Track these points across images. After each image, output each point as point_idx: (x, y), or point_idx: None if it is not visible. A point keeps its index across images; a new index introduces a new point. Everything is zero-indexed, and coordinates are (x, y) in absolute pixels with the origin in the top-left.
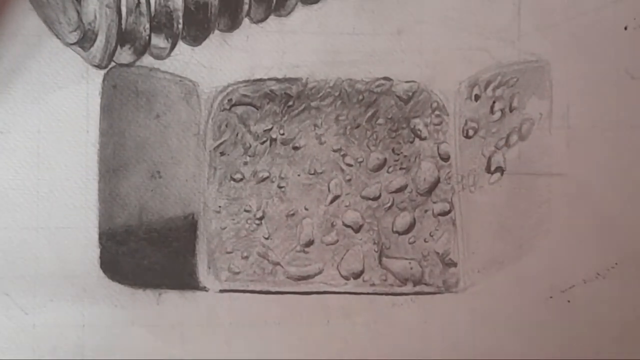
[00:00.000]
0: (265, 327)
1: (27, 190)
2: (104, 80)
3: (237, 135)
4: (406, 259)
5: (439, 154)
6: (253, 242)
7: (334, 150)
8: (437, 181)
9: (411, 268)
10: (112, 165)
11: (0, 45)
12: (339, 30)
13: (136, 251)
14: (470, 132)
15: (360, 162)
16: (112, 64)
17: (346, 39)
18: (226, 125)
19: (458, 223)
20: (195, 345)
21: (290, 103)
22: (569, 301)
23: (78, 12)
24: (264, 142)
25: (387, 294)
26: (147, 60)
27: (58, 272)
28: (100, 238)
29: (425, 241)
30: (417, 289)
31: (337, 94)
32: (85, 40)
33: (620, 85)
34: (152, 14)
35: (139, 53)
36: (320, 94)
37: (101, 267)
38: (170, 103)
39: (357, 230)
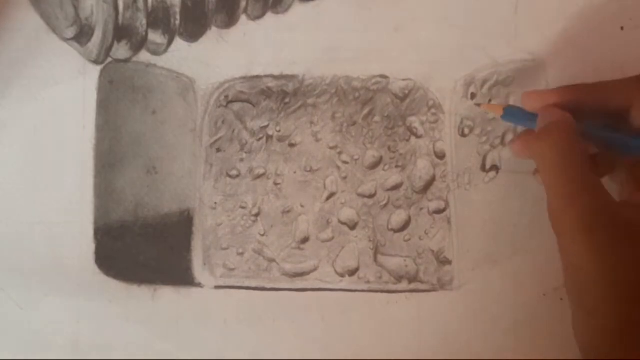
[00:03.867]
0: (260, 324)
1: (23, 185)
2: (100, 75)
3: (233, 131)
4: (401, 256)
5: (435, 152)
6: (248, 239)
7: (330, 148)
8: (433, 179)
9: (406, 266)
10: (108, 161)
11: None
12: (335, 28)
13: (131, 247)
14: (466, 131)
15: (356, 159)
16: (109, 59)
17: (343, 37)
18: (222, 122)
19: (453, 221)
20: (190, 341)
21: (287, 100)
22: (562, 299)
23: (75, 8)
24: (260, 138)
25: (382, 292)
26: (144, 56)
27: (53, 267)
28: (95, 233)
29: (420, 239)
30: (412, 286)
31: (333, 91)
32: (82, 35)
33: None
34: (149, 10)
35: (136, 49)
36: (317, 91)
37: (96, 262)
38: (166, 99)
39: (353, 227)
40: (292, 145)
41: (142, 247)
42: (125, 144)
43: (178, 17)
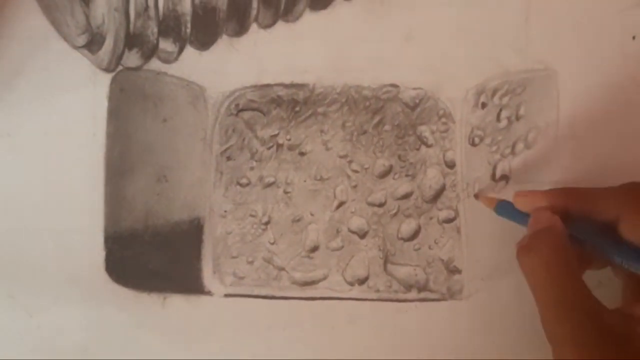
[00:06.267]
0: (269, 332)
1: (33, 193)
2: (111, 83)
3: (243, 140)
4: (411, 265)
5: (445, 162)
6: (258, 247)
7: (340, 157)
8: (443, 188)
9: (416, 275)
10: (119, 169)
11: (8, 47)
12: (346, 37)
13: (141, 255)
14: (477, 140)
15: (367, 168)
16: (120, 67)
17: (353, 45)
18: (233, 130)
19: (463, 230)
20: (200, 350)
21: (297, 109)
22: None
23: (86, 15)
24: (271, 147)
25: (391, 301)
26: (154, 64)
27: (63, 274)
28: (105, 241)
29: (430, 248)
30: (422, 295)
31: (344, 100)
32: (93, 43)
33: (628, 95)
34: (160, 18)
35: (147, 57)
36: (327, 100)
37: (106, 270)
38: (177, 107)
39: (363, 236)
40: (302, 153)
41: (152, 255)
42: (135, 152)
43: (189, 25)
